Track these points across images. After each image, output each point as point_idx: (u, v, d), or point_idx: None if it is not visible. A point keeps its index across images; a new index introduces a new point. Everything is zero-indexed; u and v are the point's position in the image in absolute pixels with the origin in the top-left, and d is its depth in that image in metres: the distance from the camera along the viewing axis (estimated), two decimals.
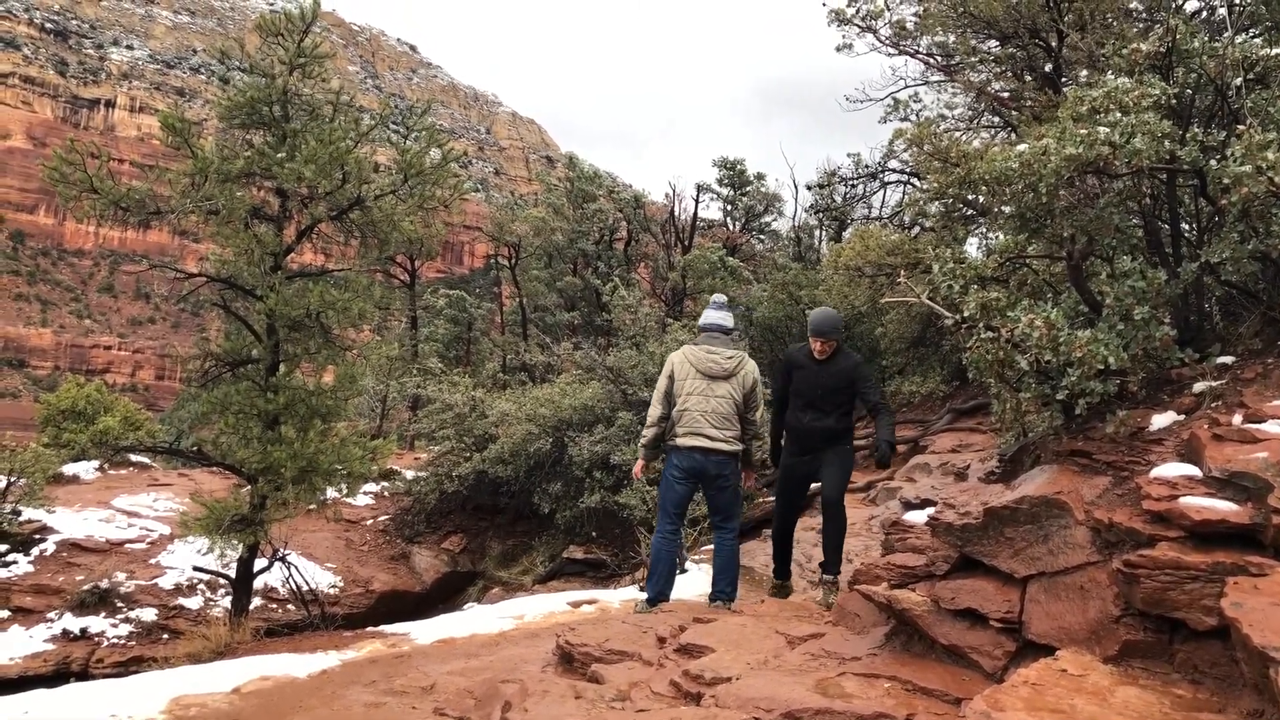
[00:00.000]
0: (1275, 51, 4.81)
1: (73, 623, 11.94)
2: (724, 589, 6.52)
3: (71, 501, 15.35)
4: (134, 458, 19.81)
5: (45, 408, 22.56)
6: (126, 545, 14.04)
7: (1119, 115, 4.53)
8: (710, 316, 6.67)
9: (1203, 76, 5.03)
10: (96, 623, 12.04)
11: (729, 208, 29.28)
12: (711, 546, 7.85)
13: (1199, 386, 4.38)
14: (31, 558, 13.21)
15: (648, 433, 6.64)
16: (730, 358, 6.45)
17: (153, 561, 13.63)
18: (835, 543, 6.62)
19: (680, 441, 6.40)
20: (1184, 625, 3.26)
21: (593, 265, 29.15)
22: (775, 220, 29.94)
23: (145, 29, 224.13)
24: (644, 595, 6.75)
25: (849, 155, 32.81)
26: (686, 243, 28.21)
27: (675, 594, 6.79)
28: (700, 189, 28.49)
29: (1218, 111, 5.15)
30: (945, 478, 11.51)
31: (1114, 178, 4.83)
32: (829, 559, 6.67)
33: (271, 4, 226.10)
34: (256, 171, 9.80)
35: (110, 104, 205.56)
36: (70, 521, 14.35)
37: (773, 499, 8.06)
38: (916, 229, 19.02)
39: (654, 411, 6.57)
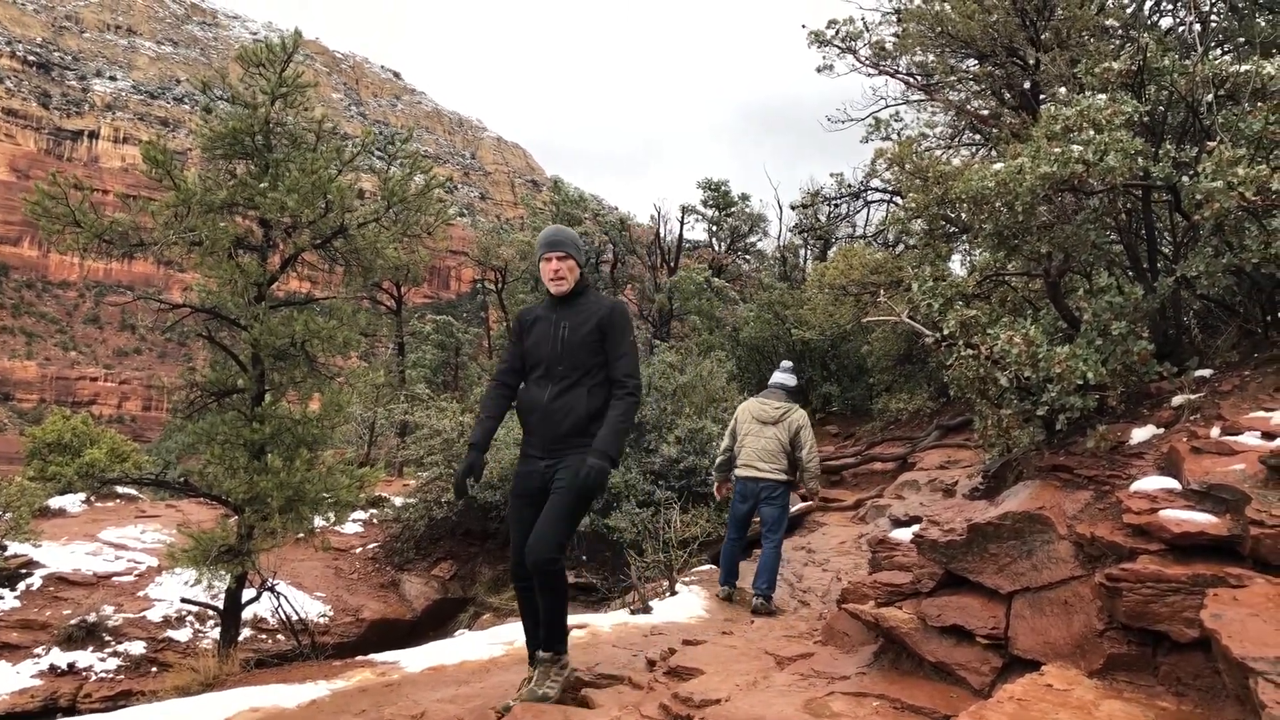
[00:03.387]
0: (1244, 68, 4.88)
1: (60, 658, 11.80)
2: (761, 586, 7.66)
3: (58, 535, 15.23)
4: (121, 490, 19.73)
5: (31, 441, 22.47)
6: (114, 578, 13.92)
7: (1092, 133, 4.59)
8: (776, 377, 8.40)
9: (1174, 94, 5.11)
10: (84, 657, 11.90)
11: (714, 229, 29.41)
12: (706, 567, 10.29)
13: (1177, 400, 4.43)
14: (18, 593, 13.08)
15: (718, 459, 8.38)
16: (779, 408, 7.99)
17: (141, 594, 13.50)
18: (549, 618, 4.61)
19: (739, 472, 8.02)
20: (1167, 637, 3.28)
21: None
22: (760, 240, 30.12)
23: (128, 60, 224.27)
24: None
25: (832, 175, 33.04)
26: (673, 264, 28.25)
27: (666, 615, 7.62)
28: (685, 210, 28.57)
29: (1189, 128, 5.23)
30: (934, 494, 11.52)
31: (1089, 195, 4.89)
32: (546, 634, 4.67)
33: (255, 34, 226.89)
34: (240, 202, 9.79)
35: (94, 135, 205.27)
36: (57, 555, 14.23)
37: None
38: (900, 247, 19.13)
39: (723, 444, 8.32)
